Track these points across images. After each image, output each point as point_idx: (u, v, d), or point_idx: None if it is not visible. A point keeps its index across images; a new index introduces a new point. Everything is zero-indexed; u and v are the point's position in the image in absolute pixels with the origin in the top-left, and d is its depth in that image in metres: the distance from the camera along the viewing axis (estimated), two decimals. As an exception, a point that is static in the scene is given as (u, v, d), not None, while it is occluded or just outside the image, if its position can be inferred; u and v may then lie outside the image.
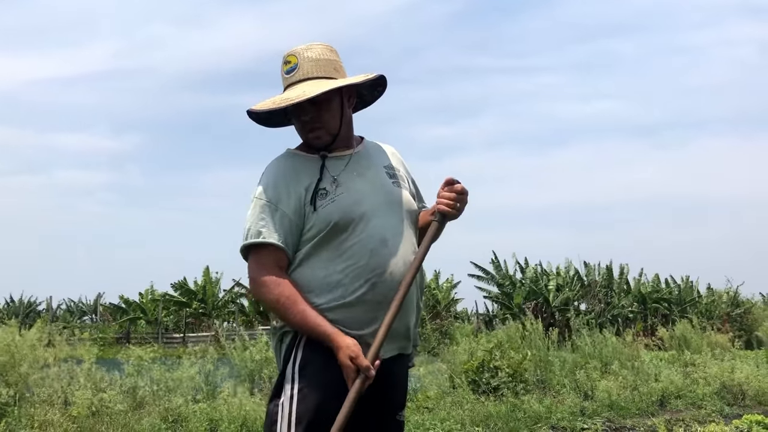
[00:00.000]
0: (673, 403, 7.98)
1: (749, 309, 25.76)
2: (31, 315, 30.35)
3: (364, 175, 2.12)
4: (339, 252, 2.01)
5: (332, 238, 2.01)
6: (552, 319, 22.16)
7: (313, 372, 1.96)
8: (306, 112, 2.07)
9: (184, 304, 28.33)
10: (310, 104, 2.04)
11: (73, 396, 6.48)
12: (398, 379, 2.13)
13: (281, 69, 2.14)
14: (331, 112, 2.09)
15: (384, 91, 2.27)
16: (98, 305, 32.99)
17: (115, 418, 6.18)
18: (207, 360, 7.84)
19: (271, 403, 2.01)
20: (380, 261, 2.01)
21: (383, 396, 2.04)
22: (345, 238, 2.01)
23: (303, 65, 2.09)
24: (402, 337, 2.09)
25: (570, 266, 25.57)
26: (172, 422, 6.20)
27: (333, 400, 1.91)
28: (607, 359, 9.53)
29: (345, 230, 2.01)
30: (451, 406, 7.33)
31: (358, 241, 2.01)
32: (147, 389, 7.00)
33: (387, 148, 2.30)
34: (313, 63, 2.09)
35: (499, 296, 25.25)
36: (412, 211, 2.18)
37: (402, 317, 2.03)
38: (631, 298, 25.86)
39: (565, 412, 7.13)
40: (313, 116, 2.07)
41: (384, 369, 1.97)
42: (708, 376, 8.73)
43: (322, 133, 2.09)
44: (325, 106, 2.07)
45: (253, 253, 2.05)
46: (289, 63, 2.11)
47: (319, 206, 2.02)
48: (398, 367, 2.11)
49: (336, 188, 2.05)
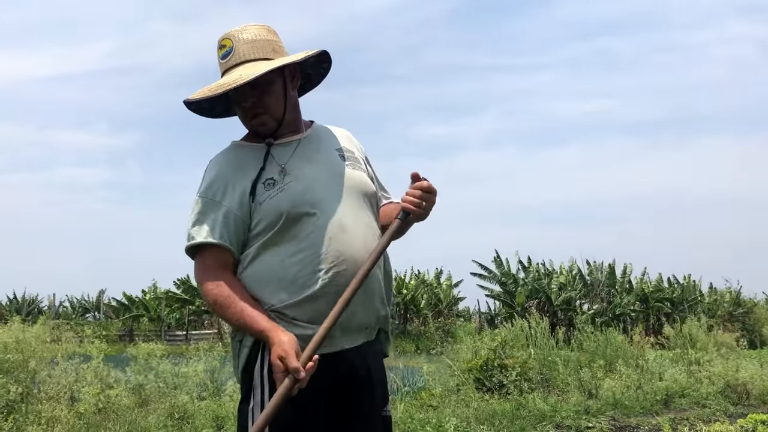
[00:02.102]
0: (678, 402, 7.99)
1: (751, 308, 25.75)
2: (33, 312, 30.39)
3: (314, 159, 1.98)
4: (294, 244, 1.87)
5: (285, 230, 1.87)
6: (554, 318, 22.16)
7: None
8: (246, 97, 1.93)
9: (187, 302, 28.34)
10: (250, 88, 1.90)
11: (79, 393, 6.51)
12: (371, 370, 1.98)
13: (217, 54, 1.99)
14: (273, 96, 1.94)
15: (329, 68, 2.09)
16: (101, 302, 33.05)
17: (121, 414, 6.21)
18: (213, 356, 7.86)
19: (241, 408, 1.92)
20: (340, 248, 1.87)
21: (358, 389, 1.93)
22: (299, 229, 1.87)
23: (238, 48, 1.94)
24: (365, 327, 1.96)
25: (573, 265, 25.56)
26: (178, 419, 6.22)
27: (306, 405, 1.81)
28: (611, 358, 9.54)
29: (298, 220, 1.87)
30: (456, 404, 7.35)
31: (314, 230, 1.87)
32: (153, 386, 7.02)
33: (338, 130, 2.15)
34: (249, 45, 1.94)
35: (501, 295, 25.25)
36: (370, 193, 2.04)
37: (366, 306, 1.92)
38: (633, 297, 25.85)
39: (570, 410, 7.14)
40: (255, 101, 1.93)
41: (348, 360, 1.89)
42: (712, 375, 8.73)
43: (266, 118, 1.95)
44: (267, 89, 1.93)
45: (198, 255, 1.94)
46: (224, 47, 1.96)
47: (266, 197, 1.88)
48: (369, 358, 1.98)
49: (284, 177, 1.91)
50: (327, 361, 1.82)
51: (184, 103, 1.99)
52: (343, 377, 1.89)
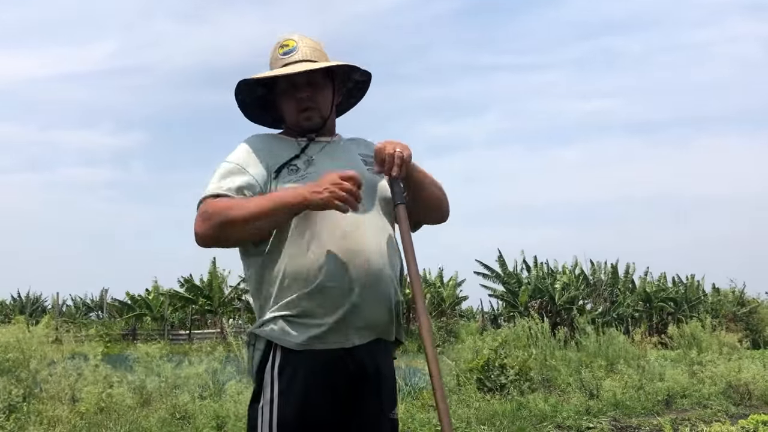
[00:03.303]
0: (679, 402, 7.98)
1: (755, 308, 25.69)
2: (37, 311, 30.51)
3: (337, 157, 2.06)
4: (308, 235, 1.90)
5: (299, 220, 1.90)
6: (557, 318, 22.15)
7: (292, 375, 1.86)
8: (302, 90, 2.04)
9: (190, 301, 28.39)
10: (306, 84, 2.03)
11: (81, 392, 6.53)
12: (382, 370, 1.98)
13: (274, 52, 2.10)
14: (324, 96, 2.08)
15: (357, 102, 2.25)
16: (104, 301, 33.14)
17: (122, 414, 6.23)
18: (215, 357, 7.87)
19: (251, 408, 1.92)
20: (352, 245, 1.90)
21: (367, 388, 1.93)
22: (314, 221, 1.90)
23: (302, 48, 2.07)
24: (376, 326, 1.95)
25: (576, 265, 25.55)
26: (179, 419, 6.24)
27: (314, 404, 1.83)
28: (612, 358, 9.53)
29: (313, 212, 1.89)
30: (457, 404, 7.35)
31: (329, 223, 1.90)
32: (154, 386, 7.04)
33: (363, 140, 2.24)
34: (310, 48, 2.09)
35: (505, 294, 25.23)
36: (387, 199, 2.08)
37: (377, 304, 1.93)
38: (636, 297, 25.81)
39: (571, 411, 7.13)
40: (309, 95, 2.05)
41: (358, 358, 1.89)
42: (714, 375, 8.72)
43: (315, 113, 2.06)
44: (320, 88, 2.06)
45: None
46: (287, 45, 2.08)
47: (288, 181, 1.94)
48: (380, 357, 1.98)
49: (308, 167, 1.99)
50: (337, 357, 1.86)
51: (241, 82, 2.05)
52: (352, 375, 1.90)
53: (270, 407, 1.85)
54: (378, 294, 1.93)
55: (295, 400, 1.83)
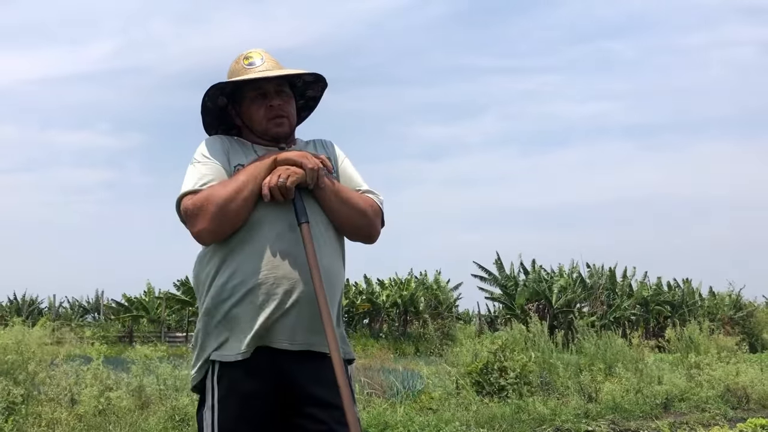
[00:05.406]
0: (677, 405, 7.99)
1: (752, 312, 25.72)
2: (33, 313, 30.39)
3: None
4: (245, 234, 1.97)
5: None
6: (554, 321, 22.15)
7: (230, 383, 1.93)
8: (273, 98, 2.13)
9: (187, 303, 28.33)
10: (275, 94, 2.13)
11: (79, 395, 6.51)
12: (316, 378, 1.96)
13: (237, 64, 2.16)
14: (292, 107, 2.18)
15: (302, 120, 2.32)
16: (101, 303, 33.04)
17: (121, 416, 6.21)
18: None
19: (198, 413, 2.01)
20: (284, 247, 1.95)
21: (295, 393, 1.94)
22: (254, 222, 1.97)
23: (267, 60, 2.15)
24: (309, 338, 1.96)
25: (574, 268, 25.55)
26: (178, 421, 6.22)
27: (251, 410, 1.91)
28: (610, 361, 9.54)
29: (254, 212, 1.97)
30: (456, 408, 7.35)
31: (265, 222, 1.97)
32: (153, 388, 7.02)
33: (320, 141, 2.28)
34: (273, 62, 2.17)
35: (501, 297, 25.23)
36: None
37: (308, 318, 1.94)
38: (633, 300, 25.83)
39: (570, 414, 7.14)
40: (281, 104, 2.13)
41: (287, 363, 1.94)
42: (712, 378, 8.74)
43: (286, 122, 2.15)
44: (289, 99, 2.17)
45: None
46: (251, 58, 2.15)
47: None
48: (312, 366, 1.96)
49: None
50: (269, 357, 1.93)
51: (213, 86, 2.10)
52: (285, 381, 1.95)
53: (212, 414, 1.95)
54: (311, 309, 1.94)
55: (232, 410, 1.92)
